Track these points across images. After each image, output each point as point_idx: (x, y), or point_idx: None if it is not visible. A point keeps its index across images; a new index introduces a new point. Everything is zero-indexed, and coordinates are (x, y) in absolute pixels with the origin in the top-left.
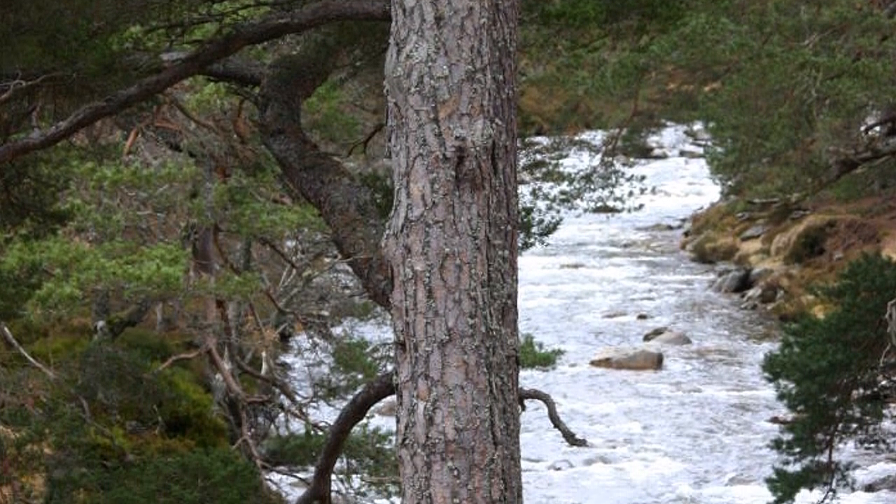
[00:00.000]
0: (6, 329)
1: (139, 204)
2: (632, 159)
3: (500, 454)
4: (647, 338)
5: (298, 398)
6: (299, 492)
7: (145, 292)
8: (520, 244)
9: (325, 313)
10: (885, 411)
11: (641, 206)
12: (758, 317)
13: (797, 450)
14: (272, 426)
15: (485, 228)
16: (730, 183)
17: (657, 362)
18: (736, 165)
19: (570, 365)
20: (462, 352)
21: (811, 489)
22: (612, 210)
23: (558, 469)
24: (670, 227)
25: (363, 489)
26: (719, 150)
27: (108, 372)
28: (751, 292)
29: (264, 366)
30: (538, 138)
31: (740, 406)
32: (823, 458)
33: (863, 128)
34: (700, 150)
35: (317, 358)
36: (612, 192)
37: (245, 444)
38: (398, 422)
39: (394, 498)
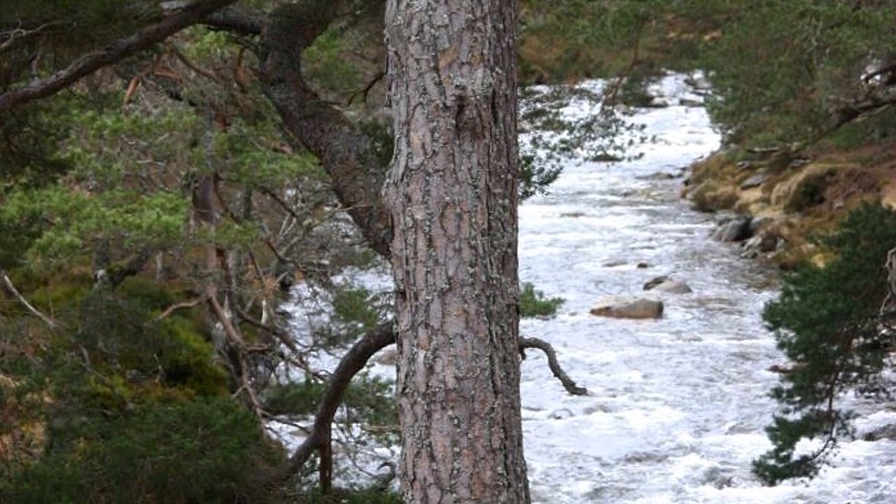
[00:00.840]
0: (6, 278)
1: (139, 153)
2: (632, 108)
3: (500, 403)
4: (647, 286)
5: (298, 347)
6: (299, 440)
7: (145, 241)
8: (520, 193)
9: (326, 262)
10: (885, 360)
11: (642, 154)
12: (758, 265)
13: (797, 398)
14: (272, 375)
15: (485, 177)
16: (730, 132)
17: (657, 311)
18: (736, 114)
19: (571, 314)
20: (462, 300)
21: (811, 438)
22: (613, 159)
23: (558, 418)
24: (670, 176)
25: (363, 438)
26: (719, 98)
27: (108, 321)
28: (751, 241)
29: (264, 315)
30: (538, 87)
31: (740, 355)
32: (823, 407)
33: (863, 76)
34: (700, 99)
35: (317, 307)
36: (612, 141)
37: (245, 392)
38: (398, 370)
39: (394, 447)
